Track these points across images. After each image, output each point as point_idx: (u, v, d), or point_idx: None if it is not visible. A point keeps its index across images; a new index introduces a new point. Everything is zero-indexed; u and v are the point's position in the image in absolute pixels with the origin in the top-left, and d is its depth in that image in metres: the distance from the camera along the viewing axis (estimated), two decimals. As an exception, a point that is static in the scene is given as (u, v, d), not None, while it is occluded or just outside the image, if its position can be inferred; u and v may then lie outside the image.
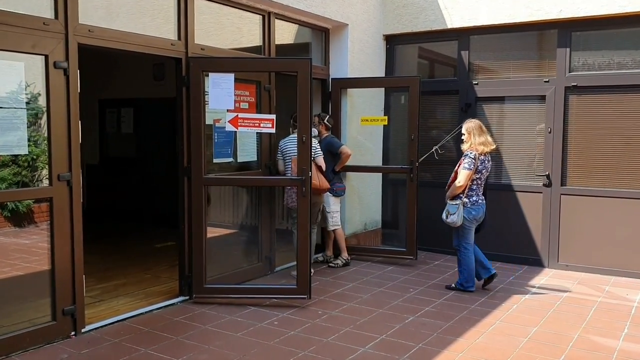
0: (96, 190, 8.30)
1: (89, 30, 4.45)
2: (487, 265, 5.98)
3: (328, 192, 6.66)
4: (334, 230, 6.86)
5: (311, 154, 5.42)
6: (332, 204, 6.76)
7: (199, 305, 5.29)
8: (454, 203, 5.79)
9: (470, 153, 5.75)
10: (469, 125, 5.87)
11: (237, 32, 6.41)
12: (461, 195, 5.77)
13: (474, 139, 5.78)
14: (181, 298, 5.44)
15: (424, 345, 4.49)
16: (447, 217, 5.82)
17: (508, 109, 7.38)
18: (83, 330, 4.54)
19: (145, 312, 5.09)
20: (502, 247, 7.18)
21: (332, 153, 6.68)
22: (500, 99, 7.35)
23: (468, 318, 5.14)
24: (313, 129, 6.72)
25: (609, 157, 6.64)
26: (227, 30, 6.28)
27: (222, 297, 5.43)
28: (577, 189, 6.83)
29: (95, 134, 9.69)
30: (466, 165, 5.71)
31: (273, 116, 5.59)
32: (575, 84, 6.73)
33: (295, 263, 5.86)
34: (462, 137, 5.90)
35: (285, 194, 6.32)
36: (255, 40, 6.30)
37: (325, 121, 6.78)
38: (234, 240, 6.66)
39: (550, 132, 6.88)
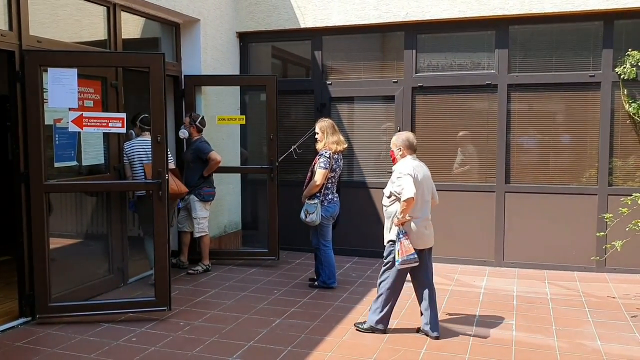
0: None
1: None
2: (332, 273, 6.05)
3: (195, 197, 6.40)
4: (200, 238, 6.54)
5: (167, 157, 5.11)
6: (199, 210, 6.46)
7: (44, 327, 4.76)
8: (312, 202, 5.81)
9: (325, 152, 5.80)
10: (322, 125, 5.92)
11: (77, 24, 5.88)
12: (318, 194, 5.80)
13: (327, 138, 5.85)
14: (22, 320, 4.88)
15: (293, 348, 4.42)
16: (306, 217, 5.82)
17: (360, 109, 7.59)
18: None
19: (-21, 339, 4.49)
20: (358, 243, 7.37)
21: (201, 159, 6.39)
22: (353, 99, 7.54)
23: (333, 315, 5.17)
24: (183, 131, 6.42)
25: (452, 154, 7.08)
26: (64, 23, 5.75)
27: (70, 315, 4.94)
28: (425, 184, 7.17)
29: None
30: (322, 165, 5.75)
31: (123, 115, 5.17)
32: (421, 84, 7.09)
33: (151, 272, 5.49)
34: (316, 137, 5.95)
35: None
36: (99, 34, 5.84)
37: (197, 123, 6.47)
38: (81, 251, 6.06)
39: (399, 131, 7.16)
